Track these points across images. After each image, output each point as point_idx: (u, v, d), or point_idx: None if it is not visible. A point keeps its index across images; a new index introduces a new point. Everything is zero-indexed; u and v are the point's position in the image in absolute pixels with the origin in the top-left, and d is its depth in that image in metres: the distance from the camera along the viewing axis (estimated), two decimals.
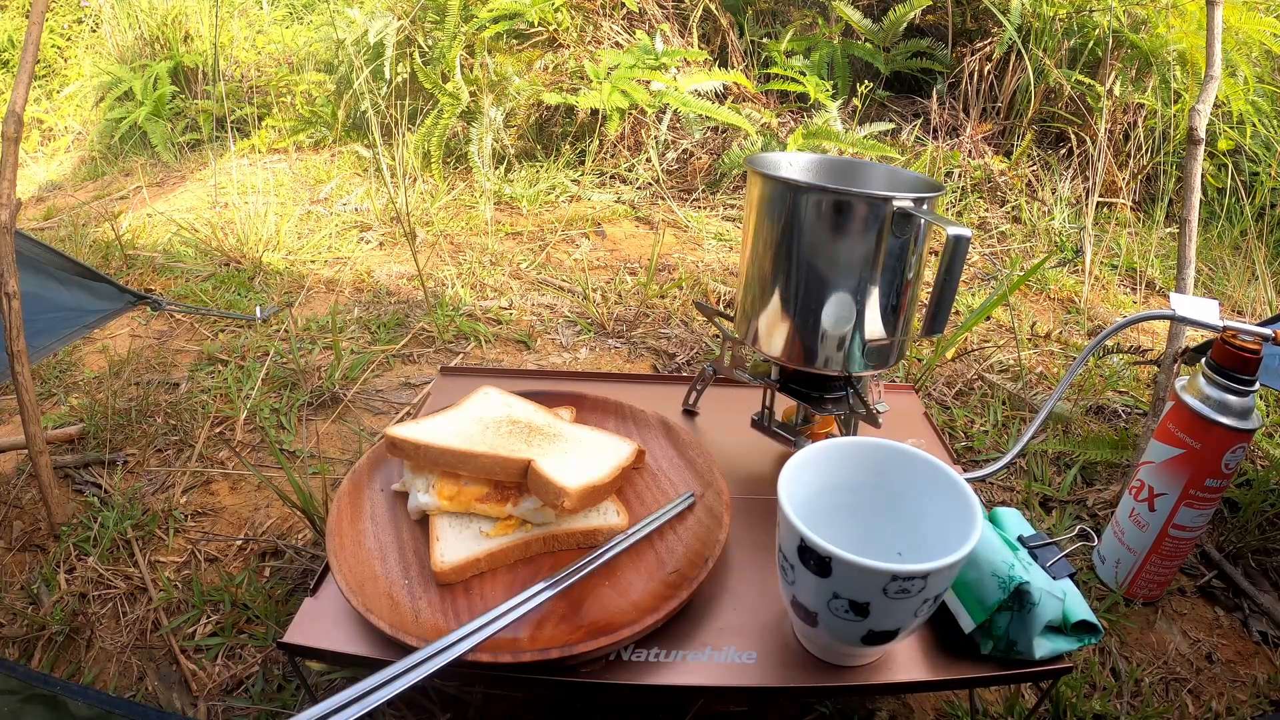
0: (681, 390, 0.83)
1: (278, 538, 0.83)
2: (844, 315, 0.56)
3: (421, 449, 0.60)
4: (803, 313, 0.58)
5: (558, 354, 1.22)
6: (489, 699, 0.65)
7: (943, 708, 0.66)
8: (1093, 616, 0.52)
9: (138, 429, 1.01)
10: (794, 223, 0.54)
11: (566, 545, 0.60)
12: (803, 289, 0.57)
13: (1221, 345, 0.67)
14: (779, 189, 0.56)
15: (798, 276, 0.57)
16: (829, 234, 0.53)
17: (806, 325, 0.58)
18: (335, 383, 1.10)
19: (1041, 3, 1.91)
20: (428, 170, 1.93)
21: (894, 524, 0.54)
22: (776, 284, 0.58)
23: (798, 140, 1.77)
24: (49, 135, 2.65)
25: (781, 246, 0.56)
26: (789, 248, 0.56)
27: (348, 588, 0.53)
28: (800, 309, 0.58)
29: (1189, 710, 0.68)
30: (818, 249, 0.54)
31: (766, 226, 0.57)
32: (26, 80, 0.80)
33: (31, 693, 0.53)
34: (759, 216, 0.58)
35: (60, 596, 0.76)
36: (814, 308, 0.57)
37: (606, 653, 0.51)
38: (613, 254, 1.59)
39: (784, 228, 0.55)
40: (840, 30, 2.04)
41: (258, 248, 1.57)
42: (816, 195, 0.53)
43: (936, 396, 1.11)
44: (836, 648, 0.50)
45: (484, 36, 1.96)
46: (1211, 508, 0.71)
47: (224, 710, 0.65)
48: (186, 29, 2.59)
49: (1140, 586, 0.77)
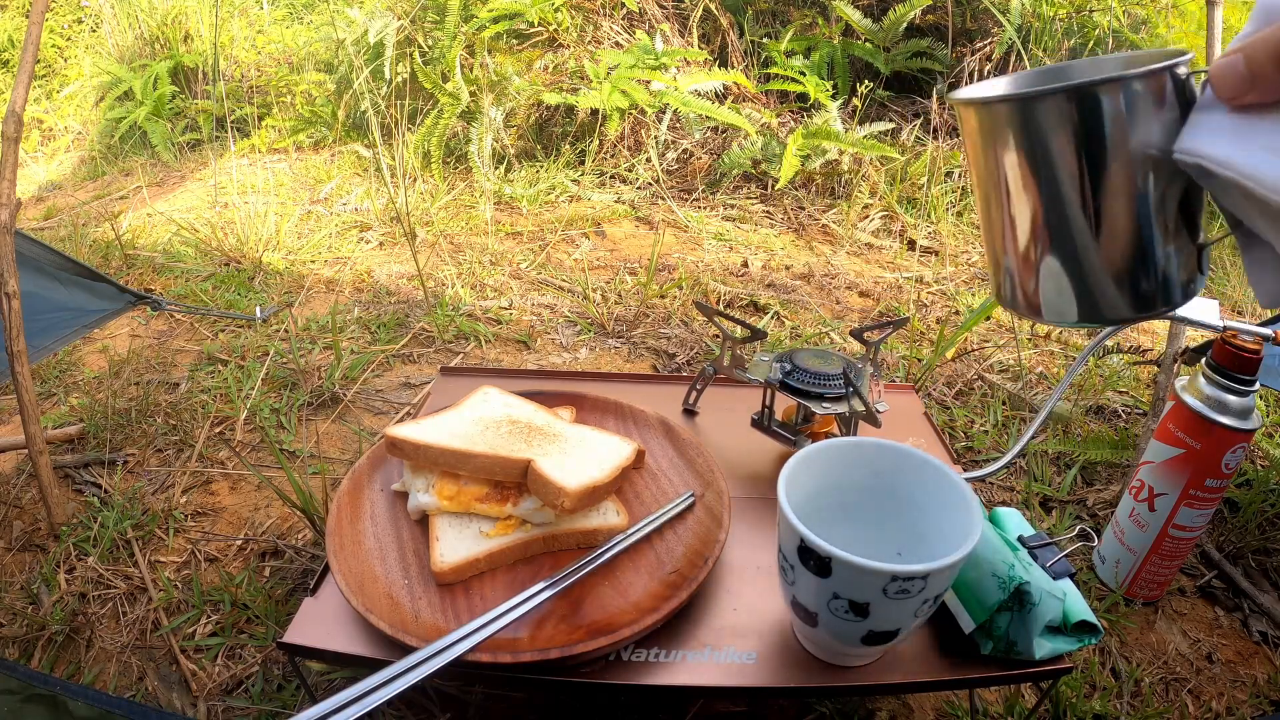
0: (681, 390, 0.83)
1: (278, 538, 0.83)
2: (1132, 244, 0.43)
3: (421, 449, 0.60)
4: (1083, 257, 0.43)
5: (558, 354, 1.22)
6: (489, 699, 0.65)
7: (943, 708, 0.66)
8: (1093, 616, 0.52)
9: (138, 429, 1.01)
10: (1049, 145, 0.41)
11: (566, 545, 0.60)
12: (1074, 227, 0.43)
13: (1221, 345, 0.67)
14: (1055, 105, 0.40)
15: (1064, 213, 0.42)
16: (1101, 143, 0.40)
17: (1099, 268, 0.43)
18: (335, 383, 1.10)
19: (1041, 3, 1.91)
20: (428, 170, 1.94)
21: (894, 524, 0.54)
22: (1040, 231, 0.43)
23: (797, 140, 1.77)
24: (49, 135, 2.65)
25: (1037, 180, 0.42)
26: (1046, 179, 0.42)
27: (348, 588, 0.53)
28: (1076, 253, 0.44)
29: (1189, 710, 0.68)
30: (1086, 168, 0.41)
31: (1009, 162, 0.43)
32: (26, 80, 0.80)
33: (31, 693, 0.53)
34: (996, 154, 0.43)
35: (60, 596, 0.76)
36: (1099, 243, 0.43)
37: (606, 653, 0.51)
38: (613, 254, 1.59)
39: (1034, 156, 0.42)
40: (840, 30, 2.04)
41: (258, 248, 1.57)
42: (1079, 95, 0.39)
43: (936, 396, 1.11)
44: (836, 648, 0.50)
45: (484, 36, 1.96)
46: (1211, 508, 0.71)
47: (224, 710, 0.65)
48: (186, 29, 2.59)
49: (1140, 586, 0.77)
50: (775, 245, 1.64)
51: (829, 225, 1.73)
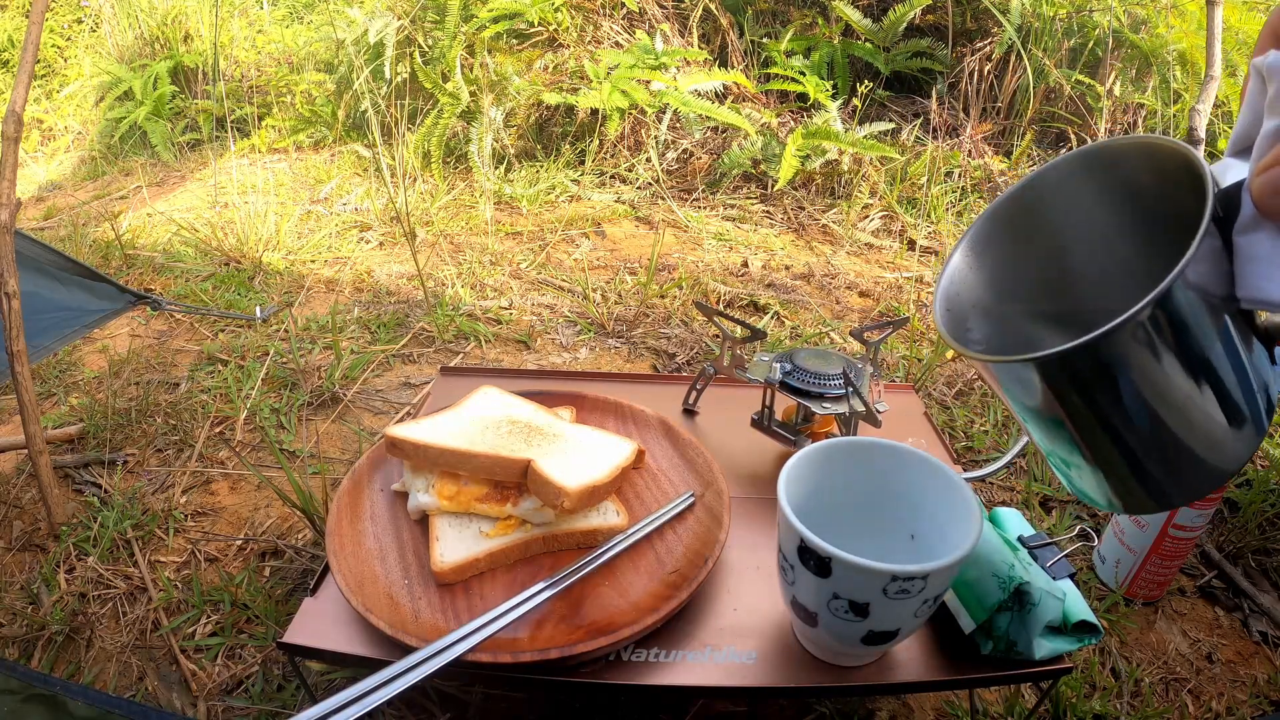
0: (681, 390, 0.83)
1: (278, 538, 0.83)
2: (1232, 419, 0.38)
3: (421, 449, 0.60)
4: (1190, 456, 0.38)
5: (558, 354, 1.22)
6: (489, 699, 0.65)
7: (943, 708, 0.66)
8: (1093, 616, 0.52)
9: (138, 429, 1.01)
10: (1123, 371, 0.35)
11: (566, 545, 0.60)
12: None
13: None
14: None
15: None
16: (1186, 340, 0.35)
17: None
18: (335, 383, 1.10)
19: (1041, 3, 1.91)
20: (428, 170, 1.94)
21: (894, 524, 0.54)
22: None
23: (797, 140, 1.77)
24: (49, 135, 2.65)
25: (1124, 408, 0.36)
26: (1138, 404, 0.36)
27: (347, 588, 0.53)
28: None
29: (1189, 710, 0.68)
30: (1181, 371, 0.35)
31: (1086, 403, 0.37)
32: (26, 80, 0.80)
33: (31, 693, 0.54)
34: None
35: (60, 596, 0.76)
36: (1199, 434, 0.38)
37: (606, 653, 0.51)
38: (613, 254, 1.59)
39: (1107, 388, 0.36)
40: (840, 30, 2.04)
41: (258, 248, 1.57)
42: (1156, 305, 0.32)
43: (936, 396, 1.11)
44: (836, 648, 0.50)
45: (484, 36, 1.96)
46: (1211, 508, 0.71)
47: (224, 710, 0.65)
48: (186, 29, 2.59)
49: (1140, 586, 0.77)
50: (775, 245, 1.64)
51: (829, 225, 1.73)
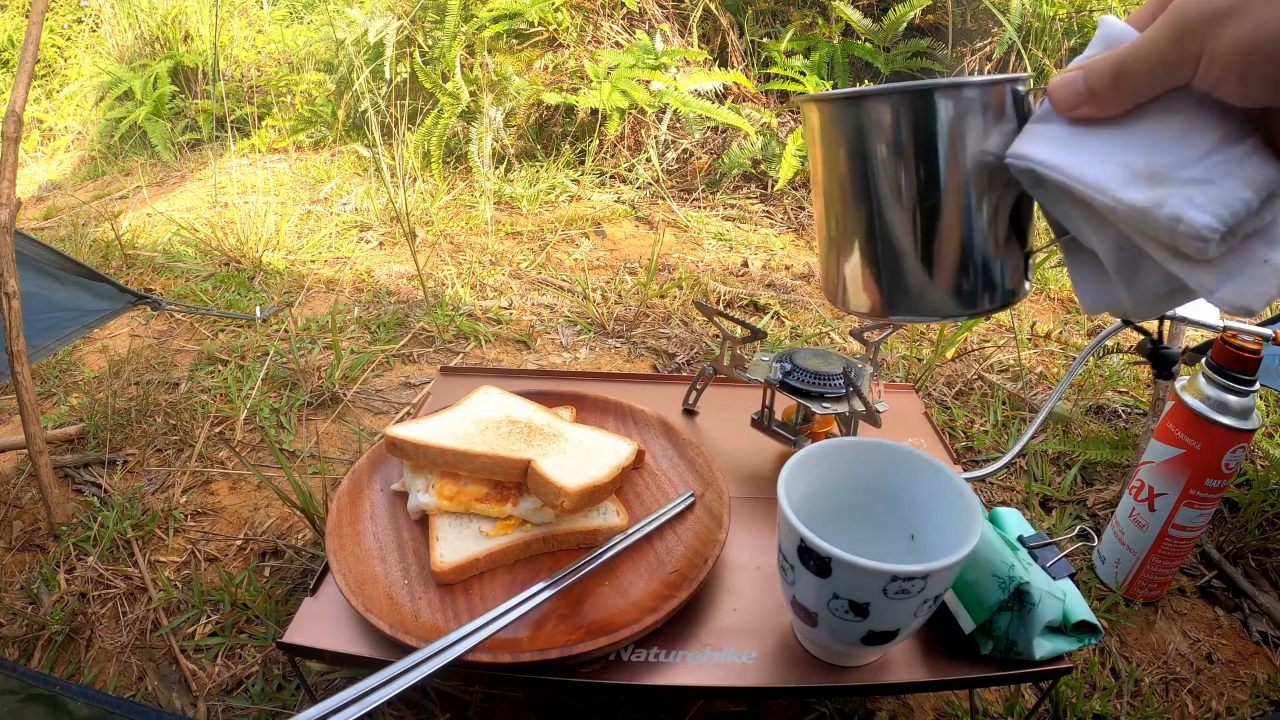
0: (681, 390, 0.83)
1: (278, 538, 0.83)
2: (962, 245, 0.44)
3: (421, 449, 0.60)
4: (909, 255, 0.45)
5: (558, 354, 1.22)
6: (489, 699, 0.65)
7: (943, 708, 0.66)
8: (1093, 616, 0.52)
9: (138, 429, 1.01)
10: (886, 144, 0.42)
11: (566, 545, 0.60)
12: (904, 227, 0.45)
13: (1222, 345, 0.67)
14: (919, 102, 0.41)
15: (897, 212, 0.44)
16: (936, 144, 0.41)
17: (928, 265, 0.45)
18: (335, 383, 1.10)
19: (1041, 3, 1.91)
20: (428, 170, 1.94)
21: (894, 524, 0.54)
22: (872, 228, 0.45)
23: (797, 140, 1.77)
24: (49, 135, 2.65)
25: (877, 178, 0.44)
26: (885, 178, 0.44)
27: (347, 588, 0.53)
28: (904, 251, 0.45)
29: (1189, 710, 0.68)
30: (922, 168, 0.42)
31: (850, 160, 0.44)
32: (26, 80, 0.80)
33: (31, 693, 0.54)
34: (837, 152, 0.45)
35: (60, 596, 0.76)
36: (927, 243, 0.45)
37: (606, 653, 0.51)
38: (613, 254, 1.59)
39: (873, 155, 0.43)
40: (840, 30, 2.04)
41: (258, 247, 1.57)
42: (922, 96, 0.40)
43: (936, 396, 1.11)
44: (836, 648, 0.50)
45: (484, 36, 1.96)
46: (1211, 508, 0.71)
47: (224, 710, 0.65)
48: (186, 29, 2.59)
49: (1140, 586, 0.77)
50: (775, 245, 1.64)
51: None
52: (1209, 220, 0.30)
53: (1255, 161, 0.31)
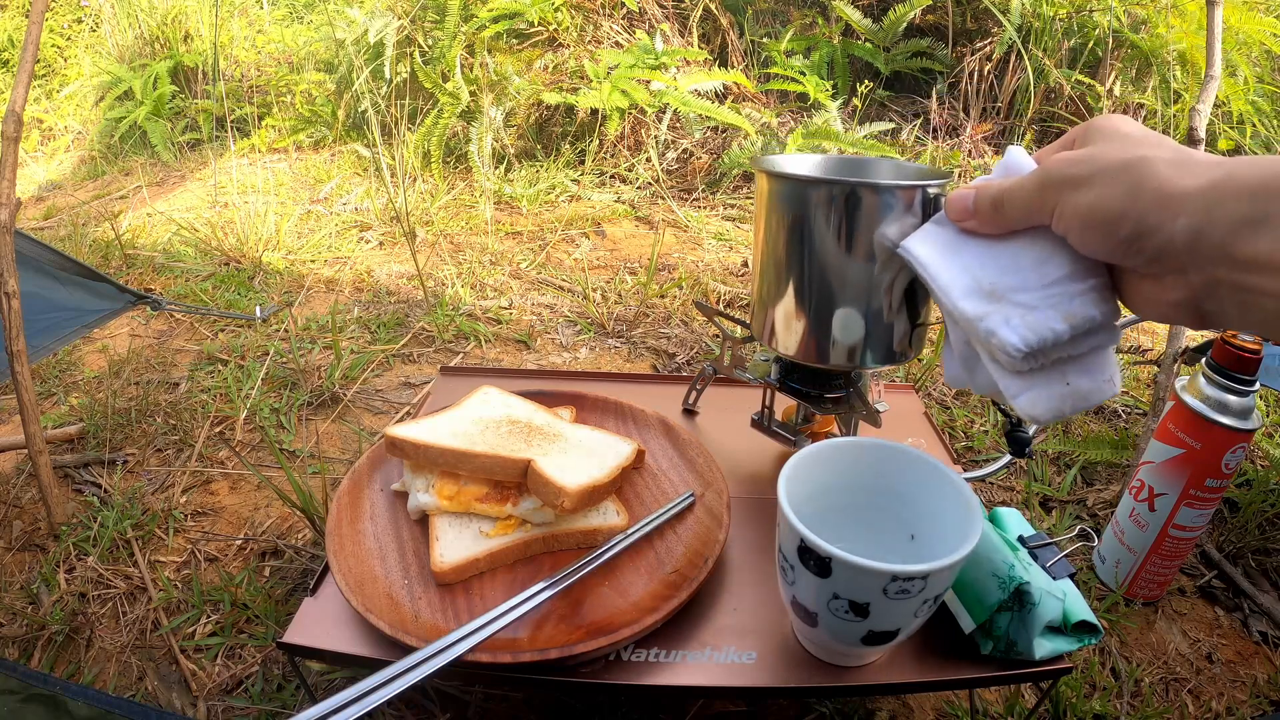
0: (681, 390, 0.83)
1: (278, 538, 0.83)
2: (861, 310, 0.55)
3: (421, 449, 0.60)
4: (819, 311, 0.57)
5: (558, 354, 1.22)
6: (489, 699, 0.65)
7: (943, 708, 0.66)
8: (1093, 616, 0.52)
9: (138, 429, 1.01)
10: (814, 220, 0.53)
11: (566, 545, 0.60)
12: (819, 286, 0.56)
13: (1222, 345, 0.67)
14: (797, 188, 0.54)
15: (814, 274, 0.56)
16: (853, 228, 0.53)
17: (831, 323, 0.57)
18: (335, 382, 1.10)
19: (1041, 3, 1.91)
20: (428, 170, 1.94)
21: (894, 524, 0.54)
22: (793, 282, 0.57)
23: (797, 140, 1.77)
24: (49, 135, 2.65)
25: (803, 245, 0.55)
26: (809, 246, 0.55)
27: (347, 588, 0.53)
28: (816, 307, 0.57)
29: (1189, 710, 0.68)
30: (839, 244, 0.53)
31: (784, 226, 0.56)
32: (26, 80, 0.80)
33: (31, 693, 0.54)
34: (775, 217, 0.56)
35: (60, 596, 0.76)
36: (834, 304, 0.56)
37: (606, 653, 0.51)
38: (613, 254, 1.59)
39: (802, 225, 0.54)
40: (840, 30, 2.04)
41: (258, 247, 1.58)
42: (847, 190, 0.51)
43: (936, 396, 1.11)
44: (836, 648, 0.50)
45: (484, 36, 1.96)
46: (1211, 508, 0.71)
47: (224, 710, 0.65)
48: (186, 29, 2.59)
49: (1140, 586, 0.77)
50: None
51: None
52: (1015, 340, 0.36)
53: (1085, 301, 0.36)
